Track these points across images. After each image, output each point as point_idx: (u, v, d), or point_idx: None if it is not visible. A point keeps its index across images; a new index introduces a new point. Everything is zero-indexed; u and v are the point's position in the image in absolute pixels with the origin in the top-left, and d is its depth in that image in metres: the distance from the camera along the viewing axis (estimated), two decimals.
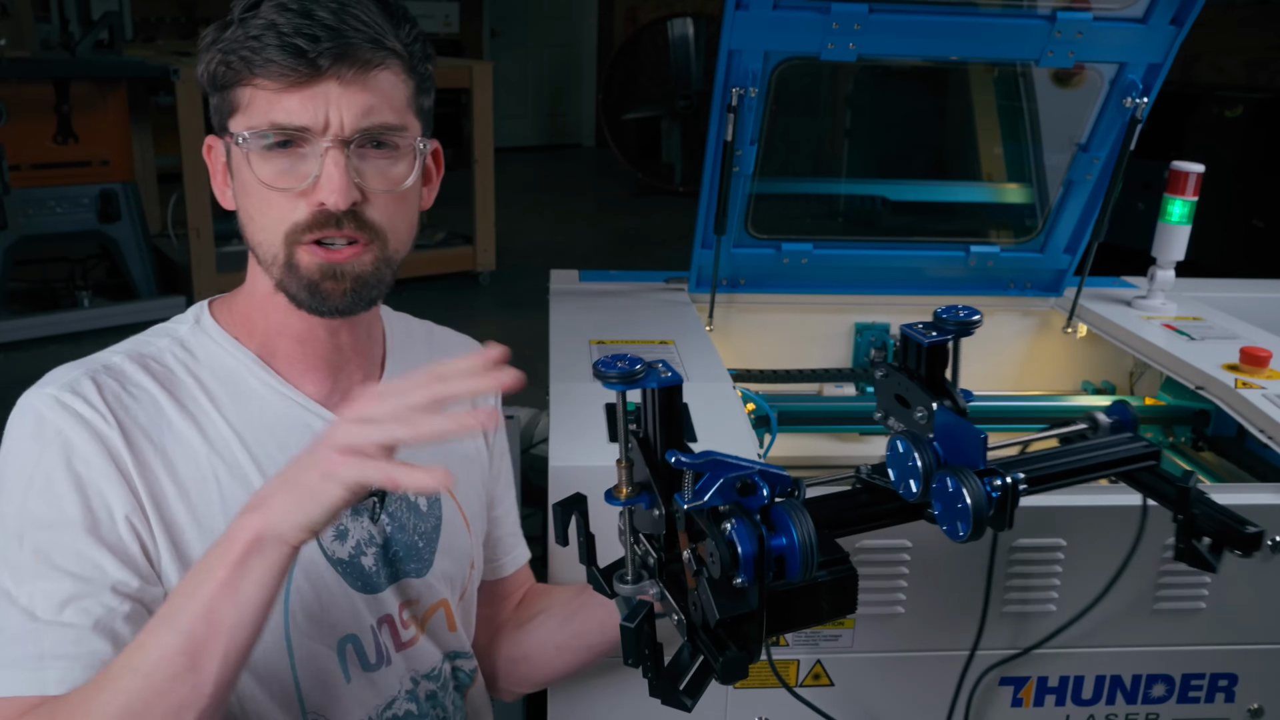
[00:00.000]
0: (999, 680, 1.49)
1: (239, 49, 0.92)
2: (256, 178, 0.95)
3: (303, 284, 0.98)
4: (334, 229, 0.96)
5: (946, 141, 2.75)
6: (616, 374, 0.85)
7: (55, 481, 0.92)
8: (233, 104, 0.96)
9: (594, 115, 10.10)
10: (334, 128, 0.93)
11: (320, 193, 0.94)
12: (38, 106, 4.68)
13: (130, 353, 1.02)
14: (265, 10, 0.92)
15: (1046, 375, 2.22)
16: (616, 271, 2.21)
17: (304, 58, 0.91)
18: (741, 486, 0.85)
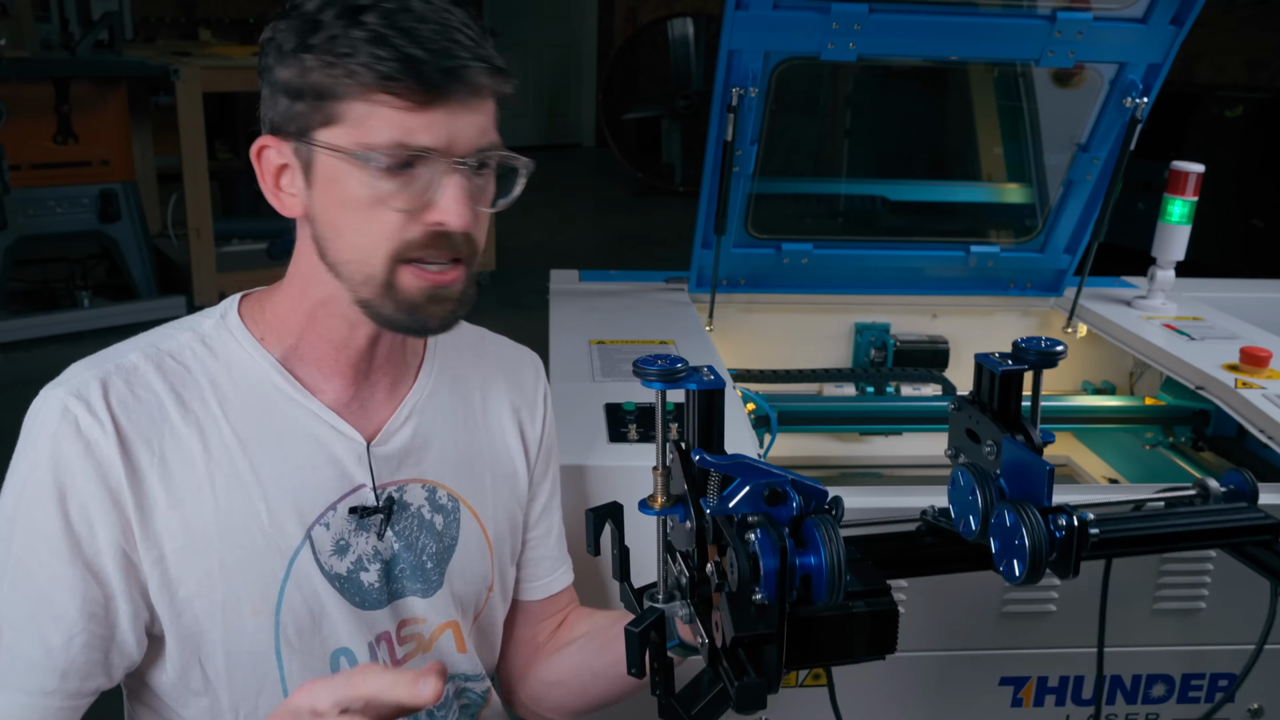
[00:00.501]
0: (999, 680, 1.49)
1: (348, 60, 0.88)
2: (372, 193, 0.91)
3: (403, 306, 0.95)
4: (447, 249, 0.94)
5: (946, 141, 2.75)
6: (656, 372, 0.81)
7: (42, 492, 0.93)
8: (332, 114, 0.90)
9: (594, 115, 10.09)
10: (455, 150, 0.92)
11: (441, 214, 0.92)
12: (38, 106, 4.67)
13: (148, 349, 1.00)
14: (372, 21, 0.88)
15: (1046, 375, 2.21)
16: (616, 271, 2.21)
17: (425, 79, 0.88)
18: (770, 495, 0.78)
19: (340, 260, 0.95)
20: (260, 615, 0.99)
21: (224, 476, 0.98)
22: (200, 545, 0.96)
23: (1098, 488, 1.87)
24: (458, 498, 1.11)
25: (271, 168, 0.97)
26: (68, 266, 5.05)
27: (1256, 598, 1.48)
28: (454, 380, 1.14)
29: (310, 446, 1.01)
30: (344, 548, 1.03)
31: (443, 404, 1.11)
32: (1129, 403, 2.01)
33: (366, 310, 0.97)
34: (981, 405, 0.91)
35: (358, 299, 0.96)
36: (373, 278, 0.94)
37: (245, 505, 0.98)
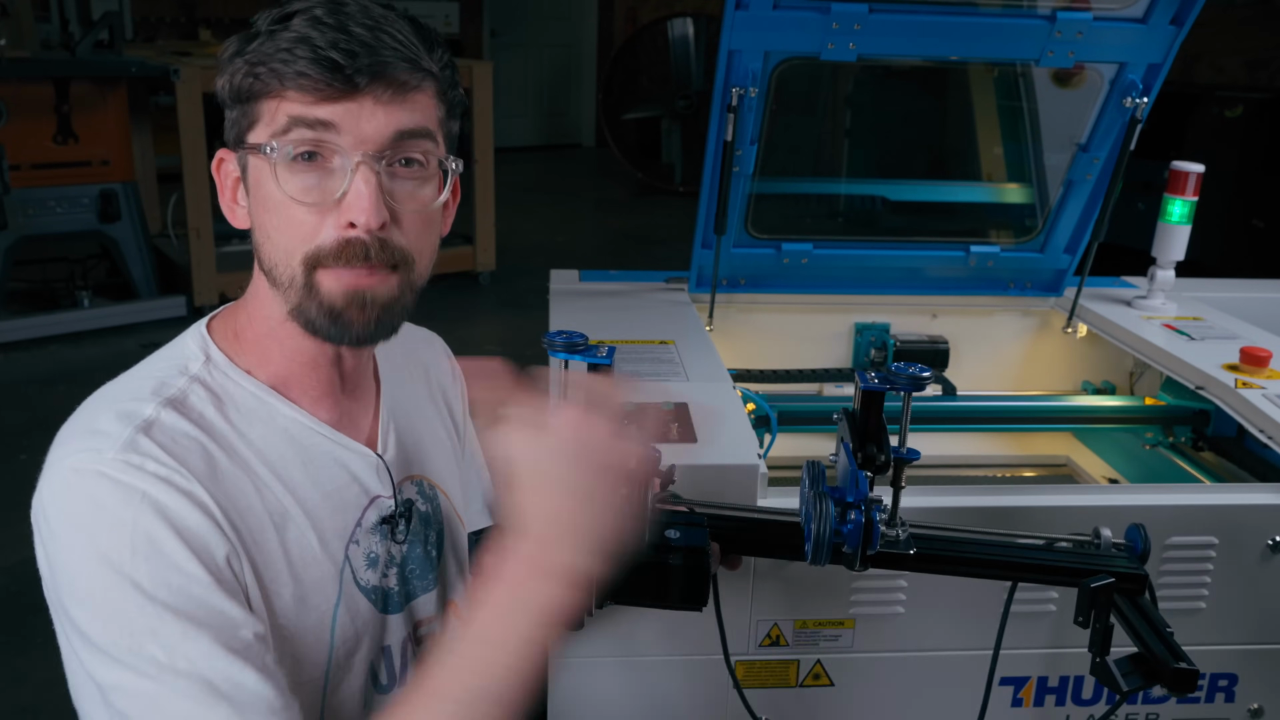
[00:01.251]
0: (999, 680, 1.49)
1: (269, 60, 0.88)
2: (281, 191, 0.90)
3: (324, 310, 0.92)
4: (361, 261, 0.91)
5: (946, 141, 2.75)
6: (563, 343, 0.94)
7: (160, 541, 0.85)
8: (255, 116, 0.92)
9: (594, 115, 10.10)
10: (366, 143, 0.89)
11: (349, 211, 0.89)
12: (38, 106, 4.67)
13: (158, 399, 0.93)
14: (297, 24, 0.89)
15: (1046, 375, 2.22)
16: (616, 271, 2.21)
17: (340, 73, 0.87)
18: None
19: (269, 266, 0.94)
20: (319, 644, 0.97)
21: (278, 513, 0.95)
22: (275, 586, 0.94)
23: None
24: (434, 484, 1.15)
25: (230, 180, 0.98)
26: (68, 266, 5.05)
27: (1257, 598, 1.48)
28: (399, 378, 1.16)
29: (333, 468, 1.01)
30: (374, 560, 1.04)
31: (401, 402, 1.13)
32: (1129, 403, 2.01)
33: (298, 319, 0.94)
34: (851, 419, 1.04)
35: (289, 307, 0.94)
36: (295, 280, 0.92)
37: (300, 538, 0.96)
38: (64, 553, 0.86)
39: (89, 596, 0.84)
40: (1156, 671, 0.98)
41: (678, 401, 1.54)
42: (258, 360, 1.00)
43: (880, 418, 1.00)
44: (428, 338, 1.28)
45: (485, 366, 0.88)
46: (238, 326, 1.01)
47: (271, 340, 0.99)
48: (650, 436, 0.87)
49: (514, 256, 6.10)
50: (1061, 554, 1.11)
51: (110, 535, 0.84)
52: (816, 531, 0.96)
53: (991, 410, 1.98)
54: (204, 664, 0.83)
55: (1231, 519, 1.43)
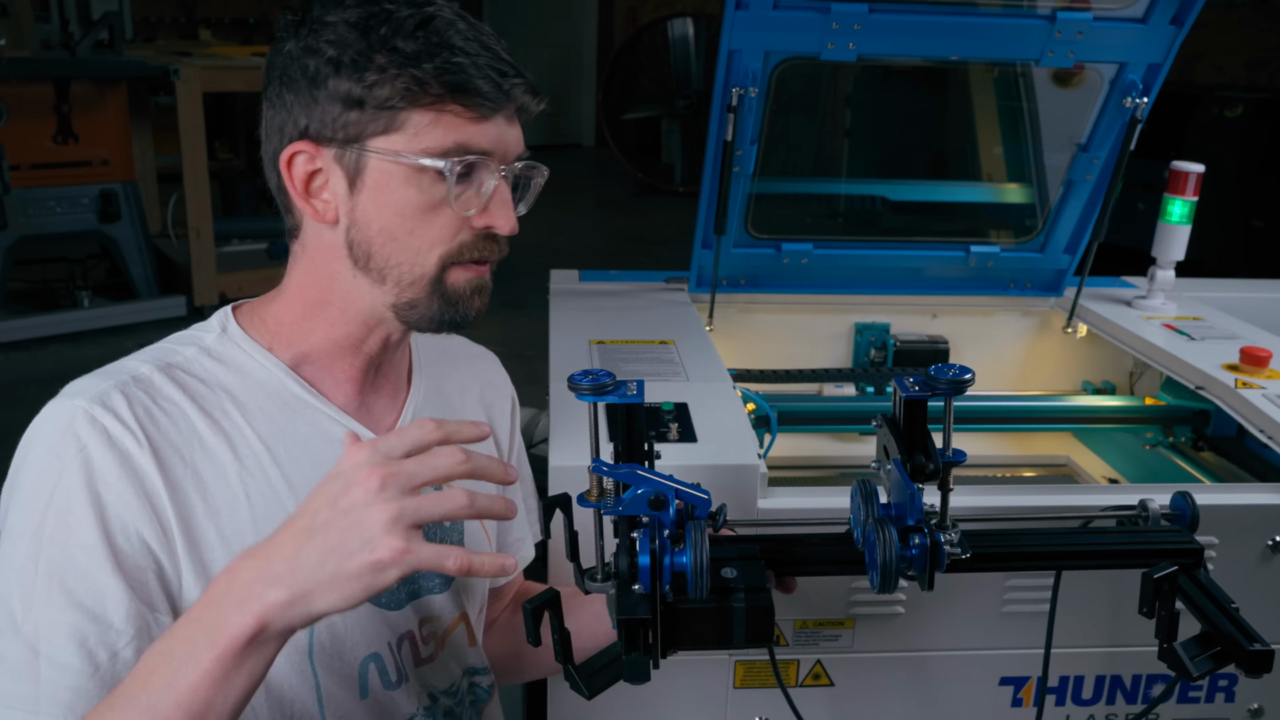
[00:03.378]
0: (999, 680, 1.49)
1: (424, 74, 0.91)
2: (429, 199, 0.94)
3: (449, 300, 0.98)
4: (494, 250, 1.00)
5: (946, 141, 2.74)
6: (589, 386, 0.92)
7: (75, 503, 0.88)
8: (394, 123, 0.92)
9: (594, 115, 10.10)
10: (507, 159, 0.97)
11: (492, 219, 0.97)
12: (38, 106, 4.68)
13: (157, 362, 0.97)
14: (431, 37, 0.91)
15: (1046, 375, 2.22)
16: (616, 271, 2.21)
17: (502, 89, 0.93)
18: (653, 500, 0.91)
19: (390, 264, 0.97)
20: None
21: (256, 485, 0.96)
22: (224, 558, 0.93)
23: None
24: None
25: (302, 174, 0.97)
26: (68, 266, 5.05)
27: (1257, 598, 1.48)
28: (439, 382, 1.17)
29: (334, 450, 0.98)
30: None
31: (434, 405, 1.14)
32: (1129, 403, 2.01)
33: (404, 312, 0.99)
34: (893, 425, 1.00)
35: (398, 301, 0.98)
36: (423, 278, 0.97)
37: (279, 513, 0.95)
38: (13, 473, 0.92)
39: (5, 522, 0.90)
40: (1230, 653, 0.96)
41: (678, 402, 1.54)
42: (284, 341, 1.02)
43: (925, 425, 0.98)
44: (483, 354, 1.30)
45: None
46: (267, 314, 1.04)
47: (317, 324, 1.02)
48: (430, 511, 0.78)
49: (514, 256, 6.05)
50: (1115, 536, 1.08)
51: (37, 478, 0.89)
52: (883, 561, 0.93)
53: (991, 410, 1.98)
54: (44, 633, 0.86)
55: (1231, 519, 1.43)
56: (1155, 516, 1.08)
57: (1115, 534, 1.08)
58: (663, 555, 0.90)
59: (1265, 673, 0.93)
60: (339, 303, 1.00)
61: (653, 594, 0.90)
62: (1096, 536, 1.08)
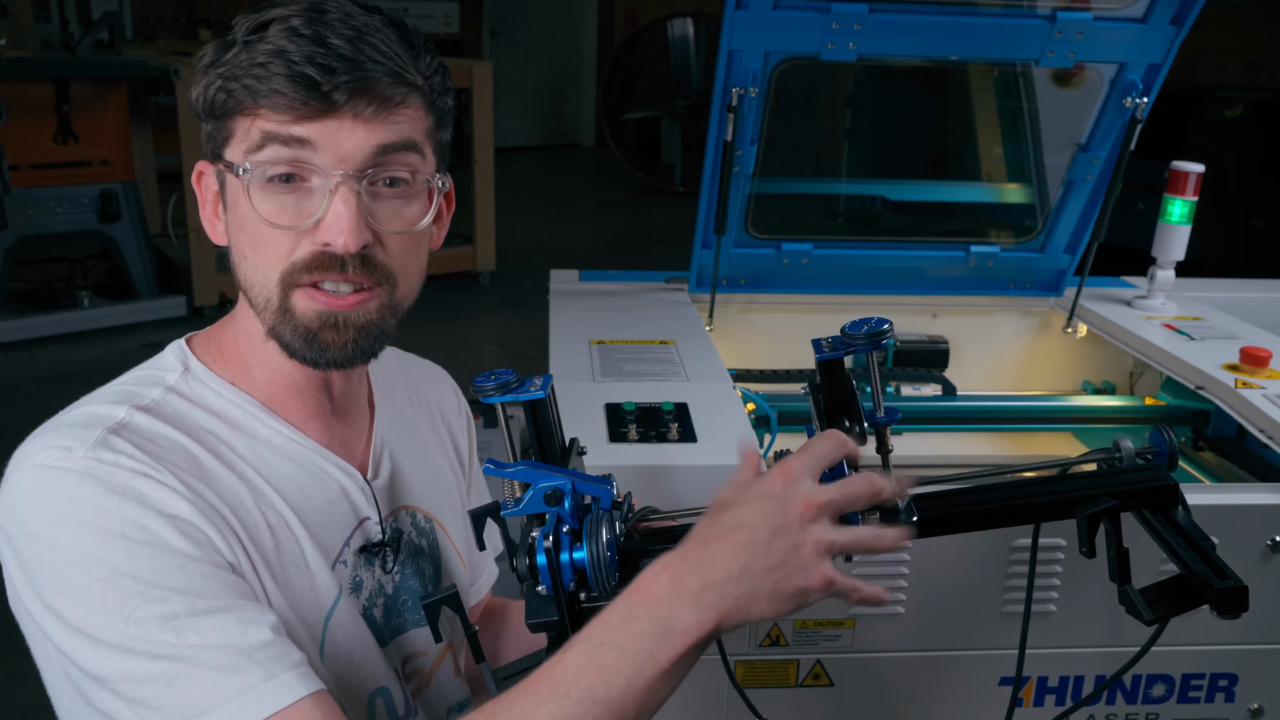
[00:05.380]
0: (999, 680, 1.49)
1: (242, 76, 0.84)
2: (256, 213, 0.86)
3: (299, 332, 0.89)
4: (338, 273, 0.87)
5: (946, 141, 2.75)
6: (494, 386, 0.89)
7: (151, 528, 0.82)
8: (229, 132, 0.88)
9: (594, 115, 10.10)
10: (345, 161, 0.85)
11: (326, 232, 0.85)
12: (38, 106, 4.68)
13: (128, 403, 0.90)
14: (274, 34, 0.84)
15: (1046, 375, 2.22)
16: (616, 271, 2.21)
17: (316, 90, 0.83)
18: (549, 495, 0.86)
19: (246, 285, 0.91)
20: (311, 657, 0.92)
21: (272, 515, 0.92)
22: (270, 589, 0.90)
23: None
24: (431, 518, 1.11)
25: (210, 195, 0.93)
26: (68, 266, 5.05)
27: (1257, 598, 1.48)
28: (398, 406, 1.12)
29: (323, 482, 0.97)
30: (359, 585, 1.00)
31: (398, 429, 1.10)
32: (1129, 403, 2.01)
33: (275, 339, 0.91)
34: (814, 390, 0.94)
35: (266, 328, 0.91)
36: (270, 301, 0.89)
37: (294, 544, 0.93)
38: (45, 553, 0.82)
39: (81, 593, 0.80)
40: (1199, 593, 0.88)
41: (678, 402, 1.54)
42: (243, 376, 0.96)
43: (845, 385, 0.92)
44: (434, 371, 1.23)
45: None
46: (223, 344, 0.98)
47: (256, 360, 0.96)
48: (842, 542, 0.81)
49: (514, 256, 6.10)
50: (1082, 481, 0.97)
51: (97, 528, 0.81)
52: None
53: (991, 410, 1.98)
54: (216, 635, 0.80)
55: (1231, 519, 1.43)
56: (1130, 455, 1.01)
57: (1082, 478, 0.98)
58: (558, 552, 0.84)
59: (1240, 611, 0.87)
60: (257, 334, 0.94)
61: (555, 593, 0.85)
62: (1059, 485, 0.97)
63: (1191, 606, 0.90)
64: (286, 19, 0.85)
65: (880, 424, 0.92)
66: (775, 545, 0.78)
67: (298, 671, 0.81)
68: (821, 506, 0.79)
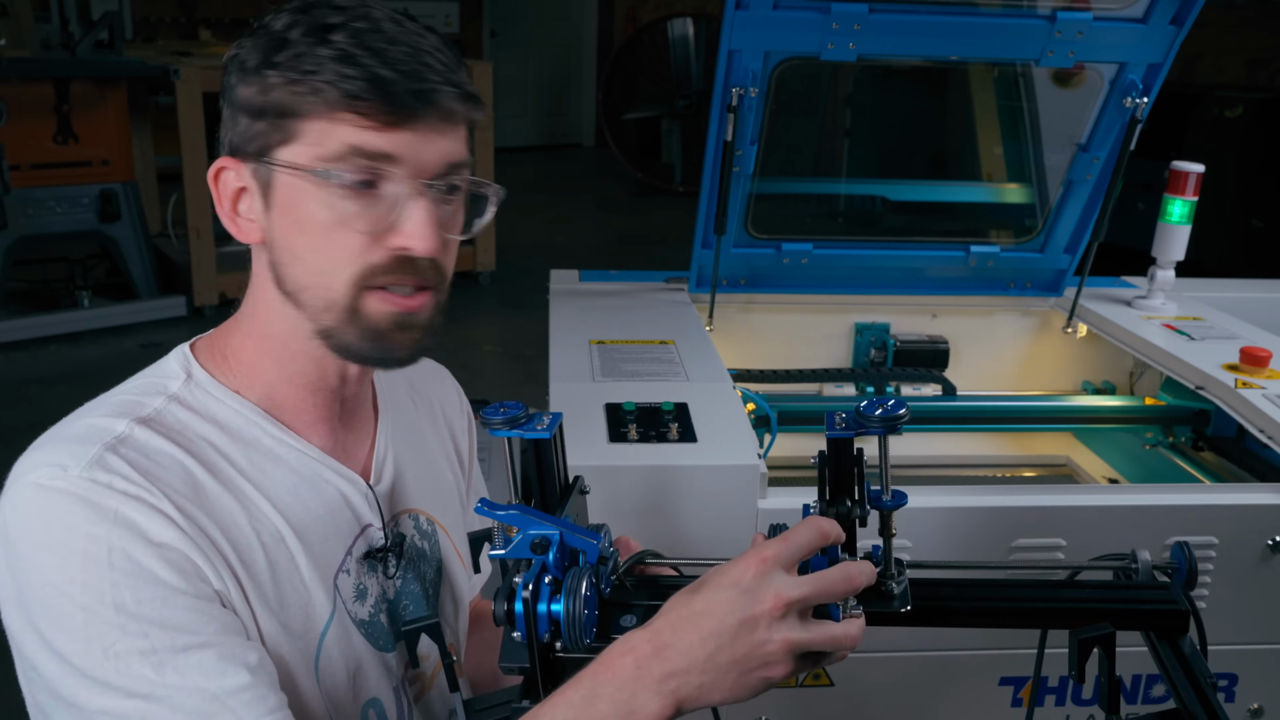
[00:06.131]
0: (999, 680, 1.49)
1: (313, 78, 0.84)
2: (329, 214, 0.87)
3: (367, 333, 0.90)
4: (413, 275, 0.90)
5: (946, 141, 2.75)
6: (502, 420, 0.89)
7: (139, 560, 0.82)
8: (293, 133, 0.87)
9: (594, 115, 10.10)
10: (423, 172, 0.88)
11: (405, 238, 0.88)
12: (38, 106, 4.68)
13: (129, 416, 0.89)
14: (342, 41, 0.85)
15: (1046, 375, 2.22)
16: (616, 271, 2.21)
17: (398, 101, 0.85)
18: (535, 544, 0.86)
19: (300, 286, 0.90)
20: (305, 677, 0.94)
21: (267, 532, 0.92)
22: (262, 611, 0.90)
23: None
24: (433, 520, 1.11)
25: (230, 191, 0.92)
26: (68, 266, 5.05)
27: (1257, 598, 1.48)
28: (401, 410, 1.12)
29: (325, 490, 0.97)
30: (364, 592, 1.00)
31: (402, 432, 1.10)
32: (1129, 403, 2.01)
33: (328, 341, 0.92)
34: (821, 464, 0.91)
35: (318, 328, 0.91)
36: (334, 304, 0.90)
37: (288, 560, 0.92)
38: (32, 575, 0.82)
39: (65, 620, 0.80)
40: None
41: (678, 402, 1.54)
42: (249, 382, 0.96)
43: (852, 466, 0.88)
44: (437, 371, 1.23)
45: None
46: (228, 349, 0.98)
47: (271, 361, 0.96)
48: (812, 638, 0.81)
49: (514, 256, 6.10)
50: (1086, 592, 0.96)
51: (84, 555, 0.81)
52: None
53: (991, 410, 1.98)
54: (195, 675, 0.81)
55: (1231, 519, 1.43)
56: (1147, 569, 0.96)
57: (1089, 590, 0.96)
58: (536, 601, 0.84)
59: None
60: (279, 335, 0.94)
61: (529, 642, 0.85)
62: (1065, 592, 0.97)
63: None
64: (346, 24, 0.86)
65: (886, 508, 0.89)
66: (742, 639, 0.79)
67: (271, 719, 0.82)
68: (791, 603, 0.79)
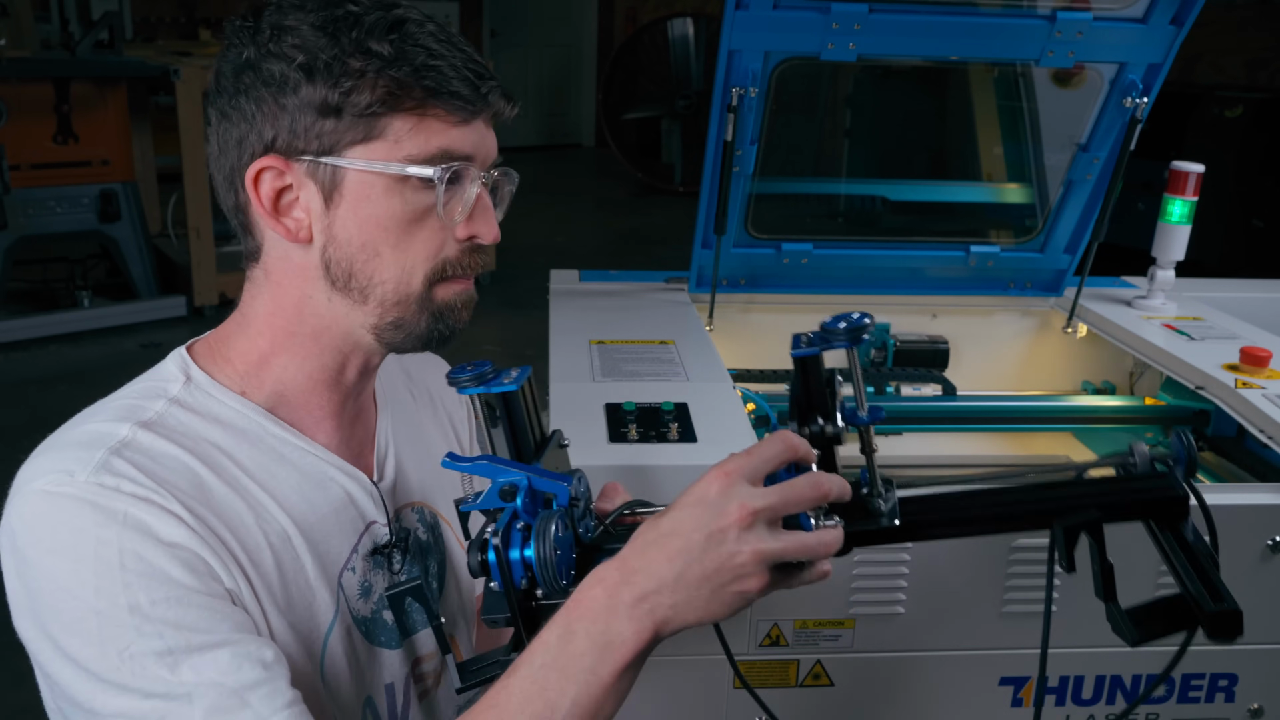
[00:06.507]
0: (999, 680, 1.49)
1: (407, 77, 0.87)
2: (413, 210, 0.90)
3: (437, 315, 0.94)
4: (479, 260, 0.96)
5: (946, 141, 2.75)
6: (470, 377, 0.90)
7: (152, 560, 0.82)
8: (374, 130, 0.87)
9: (594, 115, 10.11)
10: (486, 164, 0.94)
11: (479, 227, 0.93)
12: (38, 106, 4.68)
13: (131, 420, 0.89)
14: (423, 38, 0.89)
15: (1046, 375, 2.22)
16: (616, 271, 2.21)
17: (478, 93, 0.90)
18: (503, 492, 0.86)
19: (374, 282, 0.91)
20: (308, 674, 0.94)
21: (274, 532, 0.92)
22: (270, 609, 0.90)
23: None
24: (435, 512, 1.11)
25: (270, 191, 0.90)
26: (68, 266, 5.06)
27: (1257, 598, 1.48)
28: (400, 400, 1.13)
29: (329, 488, 0.97)
30: (368, 589, 1.00)
31: (402, 425, 1.10)
32: (1129, 403, 2.01)
33: (388, 333, 0.94)
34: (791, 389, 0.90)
35: (381, 322, 0.93)
36: (410, 296, 0.92)
37: (294, 560, 0.93)
38: (43, 581, 0.81)
39: (78, 624, 0.80)
40: (1192, 615, 0.85)
41: (678, 402, 1.54)
42: (256, 382, 0.96)
43: (822, 384, 0.86)
44: (431, 359, 1.23)
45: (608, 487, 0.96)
46: (230, 351, 0.97)
47: (290, 357, 0.96)
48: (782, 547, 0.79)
49: (514, 256, 6.10)
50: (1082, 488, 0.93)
51: (95, 558, 0.80)
52: None
53: (991, 410, 1.98)
54: (210, 672, 0.80)
55: (1231, 519, 1.43)
56: (1144, 461, 0.93)
57: (1088, 484, 0.94)
58: (507, 548, 0.83)
59: (1234, 636, 0.84)
60: (310, 331, 0.94)
61: (506, 590, 0.84)
62: (1063, 491, 0.92)
63: (1181, 629, 0.87)
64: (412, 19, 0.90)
65: (862, 424, 0.86)
66: (710, 553, 0.77)
67: (289, 713, 0.81)
68: (757, 512, 0.77)
